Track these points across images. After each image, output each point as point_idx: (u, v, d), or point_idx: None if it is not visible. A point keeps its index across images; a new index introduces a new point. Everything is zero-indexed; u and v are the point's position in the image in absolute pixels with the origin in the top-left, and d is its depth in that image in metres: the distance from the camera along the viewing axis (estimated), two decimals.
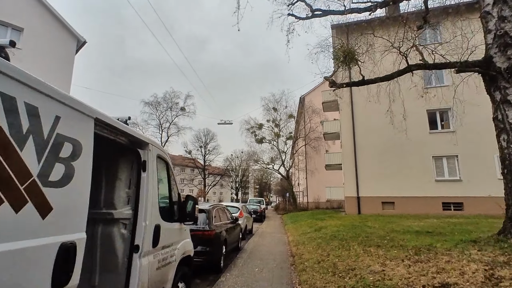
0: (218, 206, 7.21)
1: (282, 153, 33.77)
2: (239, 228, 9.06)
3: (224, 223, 7.09)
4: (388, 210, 15.92)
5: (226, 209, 8.05)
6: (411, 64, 7.61)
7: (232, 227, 7.73)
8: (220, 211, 7.25)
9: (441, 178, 15.60)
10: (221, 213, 7.24)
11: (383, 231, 8.59)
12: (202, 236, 5.72)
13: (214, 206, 6.86)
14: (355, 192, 16.63)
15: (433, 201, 15.34)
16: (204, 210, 6.20)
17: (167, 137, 28.99)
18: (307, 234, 10.14)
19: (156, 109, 28.04)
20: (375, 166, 16.62)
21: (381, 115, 17.17)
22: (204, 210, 6.20)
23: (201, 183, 60.59)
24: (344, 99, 17.87)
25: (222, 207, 7.69)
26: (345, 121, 17.67)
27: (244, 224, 11.71)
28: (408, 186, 15.86)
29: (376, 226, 10.15)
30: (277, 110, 34.04)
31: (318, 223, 13.00)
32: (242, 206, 12.46)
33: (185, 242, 3.87)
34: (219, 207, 7.28)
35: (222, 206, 7.82)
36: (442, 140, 15.91)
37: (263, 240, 11.01)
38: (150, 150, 2.92)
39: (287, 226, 16.14)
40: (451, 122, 16.10)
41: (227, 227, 7.18)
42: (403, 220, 12.18)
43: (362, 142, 17.09)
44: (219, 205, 7.47)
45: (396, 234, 7.66)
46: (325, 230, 10.12)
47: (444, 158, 15.77)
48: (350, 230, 9.35)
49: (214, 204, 7.13)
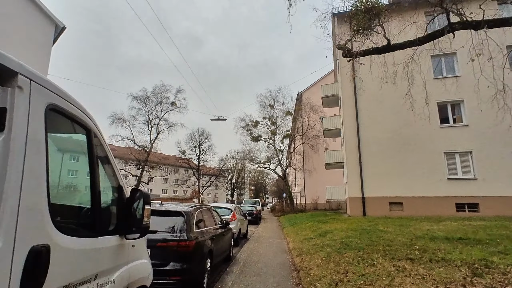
0: (202, 208, 5.68)
1: (278, 152, 32.30)
2: (230, 233, 7.54)
3: (210, 229, 5.57)
4: (396, 212, 14.52)
5: (213, 212, 6.52)
6: (453, 22, 5.96)
7: (221, 233, 6.22)
8: (205, 214, 5.73)
9: (454, 176, 14.25)
10: (206, 216, 5.72)
11: (403, 237, 7.15)
12: (177, 248, 4.20)
13: (197, 208, 5.34)
14: (359, 192, 15.21)
15: (446, 201, 13.98)
16: (181, 212, 4.69)
17: (157, 134, 27.34)
18: (310, 241, 8.66)
19: (145, 104, 26.35)
20: (381, 163, 15.22)
21: (387, 108, 15.84)
22: (181, 212, 4.69)
23: (195, 184, 58.99)
24: (347, 91, 16.50)
25: (208, 208, 6.16)
26: (348, 115, 16.26)
27: (237, 228, 10.19)
28: (417, 185, 14.49)
29: (391, 230, 8.71)
30: (273, 107, 32.58)
31: (321, 227, 11.53)
32: (235, 208, 10.94)
33: (132, 267, 2.36)
34: (203, 208, 5.75)
35: (208, 207, 6.29)
36: (455, 135, 14.59)
37: (259, 246, 9.50)
38: (22, 89, 1.39)
39: (285, 229, 14.64)
40: (464, 115, 14.78)
41: (214, 234, 5.66)
42: (417, 223, 10.76)
43: (367, 138, 15.69)
44: (203, 206, 5.91)
45: (424, 242, 6.22)
46: (332, 236, 8.65)
47: (457, 155, 14.42)
48: (362, 235, 7.89)
49: (196, 204, 5.58)
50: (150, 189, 62.60)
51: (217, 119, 23.65)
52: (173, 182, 66.00)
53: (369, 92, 16.15)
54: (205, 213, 5.76)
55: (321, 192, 31.26)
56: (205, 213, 5.76)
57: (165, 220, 4.63)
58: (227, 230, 7.07)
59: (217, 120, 23.64)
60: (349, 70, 16.51)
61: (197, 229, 4.87)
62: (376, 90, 16.04)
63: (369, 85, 16.21)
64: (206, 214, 5.76)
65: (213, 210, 6.54)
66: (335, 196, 20.10)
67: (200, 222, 5.18)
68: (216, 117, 23.75)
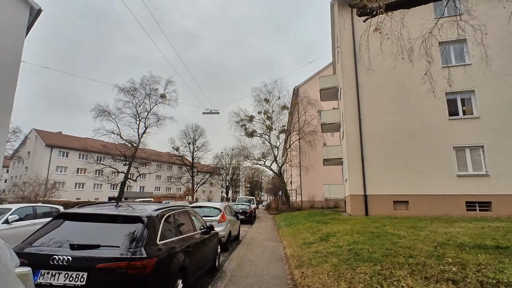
0: (174, 210, 4.37)
1: (274, 148, 31.04)
2: (216, 240, 6.28)
3: (185, 237, 4.29)
4: (401, 211, 13.40)
5: (192, 214, 5.24)
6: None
7: (201, 242, 4.95)
8: (179, 218, 4.45)
9: (464, 172, 13.15)
10: (180, 221, 4.43)
11: (423, 243, 5.95)
12: (127, 271, 2.92)
13: (166, 211, 4.03)
14: (361, 190, 14.04)
15: (455, 200, 12.88)
16: (140, 218, 3.41)
17: (145, 128, 25.74)
18: (311, 246, 7.43)
19: (133, 96, 24.71)
20: (385, 158, 14.07)
21: (391, 98, 14.66)
22: (140, 218, 3.41)
23: (189, 182, 57.69)
24: (348, 80, 15.28)
25: (184, 210, 4.85)
26: (349, 106, 15.05)
27: (226, 231, 8.95)
28: (424, 182, 13.37)
29: (403, 234, 7.53)
30: (269, 102, 31.25)
31: (321, 228, 10.33)
32: (225, 207, 9.67)
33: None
34: (176, 211, 4.44)
35: (185, 209, 4.98)
36: (465, 128, 13.47)
37: (252, 252, 8.26)
38: None
39: (281, 230, 13.43)
40: (474, 106, 13.66)
41: (191, 243, 4.38)
42: (428, 224, 9.62)
43: (369, 131, 14.51)
44: (176, 208, 4.58)
45: (453, 252, 5.02)
46: (336, 240, 7.44)
47: (467, 149, 13.31)
48: (372, 241, 6.68)
49: (165, 207, 4.22)
50: (142, 187, 61.38)
51: (209, 113, 22.30)
52: (166, 179, 64.57)
53: (372, 82, 14.97)
54: (179, 216, 4.48)
55: (318, 190, 30.14)
56: (179, 216, 4.48)
57: (117, 230, 3.35)
58: (211, 236, 5.81)
59: (209, 113, 22.28)
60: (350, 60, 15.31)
61: (164, 240, 3.58)
62: (379, 79, 14.87)
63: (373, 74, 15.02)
64: (180, 218, 4.48)
65: (192, 212, 5.26)
66: (334, 194, 18.90)
67: (169, 230, 3.90)
68: (208, 110, 22.39)
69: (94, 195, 50.10)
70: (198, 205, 9.54)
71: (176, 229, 4.09)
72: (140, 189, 60.96)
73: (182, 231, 4.31)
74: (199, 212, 9.16)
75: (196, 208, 9.37)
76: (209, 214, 9.05)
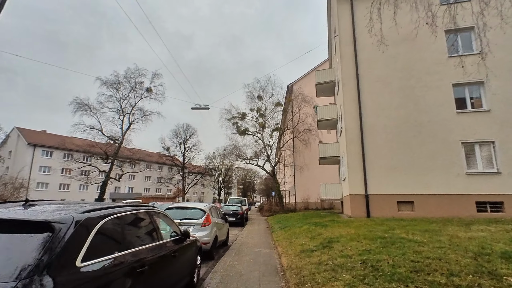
0: (125, 212, 3.01)
1: (267, 147, 29.75)
2: (193, 249, 4.96)
3: (137, 252, 2.91)
4: (405, 212, 12.27)
5: (157, 217, 3.89)
6: None
7: (169, 254, 3.63)
8: (133, 223, 3.11)
9: (473, 170, 12.09)
10: (134, 227, 3.10)
11: (454, 253, 4.75)
12: None
13: (106, 212, 2.66)
14: (362, 189, 12.87)
15: (464, 200, 11.81)
16: (47, 225, 2.07)
17: (129, 124, 24.02)
18: (312, 254, 6.16)
19: (117, 90, 22.95)
20: (388, 155, 12.94)
21: (395, 91, 13.54)
22: (47, 225, 2.07)
23: (180, 182, 55.99)
24: (347, 71, 14.13)
25: (141, 212, 3.47)
26: (349, 99, 13.89)
27: (211, 236, 7.62)
28: (431, 181, 12.28)
29: (422, 239, 6.33)
30: (262, 99, 29.96)
31: (321, 232, 9.08)
32: (210, 209, 8.33)
33: None
34: (128, 212, 3.08)
35: (145, 210, 3.60)
36: (474, 122, 12.43)
37: (241, 262, 6.95)
38: None
39: (275, 233, 12.16)
40: (484, 99, 12.65)
41: (149, 259, 3.04)
42: (442, 227, 8.48)
43: (371, 125, 13.38)
44: (129, 208, 3.22)
45: (505, 265, 3.81)
46: (341, 247, 6.19)
47: (477, 145, 12.27)
48: (387, 249, 5.45)
49: (106, 206, 2.82)
50: (131, 188, 59.44)
51: (198, 108, 20.94)
52: (156, 180, 62.68)
53: (373, 73, 13.87)
54: (133, 221, 3.14)
55: (313, 190, 29.01)
56: (133, 221, 3.14)
57: (7, 244, 2.01)
58: (187, 245, 4.49)
59: (199, 108, 20.93)
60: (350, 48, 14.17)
61: (94, 258, 2.25)
62: (382, 70, 13.77)
63: (375, 64, 13.94)
64: (134, 224, 3.15)
65: (157, 215, 3.91)
66: (330, 194, 17.74)
67: (109, 243, 2.56)
68: (197, 105, 21.04)
69: (80, 196, 48.04)
70: (178, 206, 8.17)
71: (123, 240, 2.76)
72: (129, 190, 59.03)
73: (135, 242, 2.97)
74: (179, 214, 7.83)
75: (175, 209, 8.03)
76: (191, 217, 7.72)
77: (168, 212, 7.89)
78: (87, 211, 2.46)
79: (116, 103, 22.92)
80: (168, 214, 4.38)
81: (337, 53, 15.89)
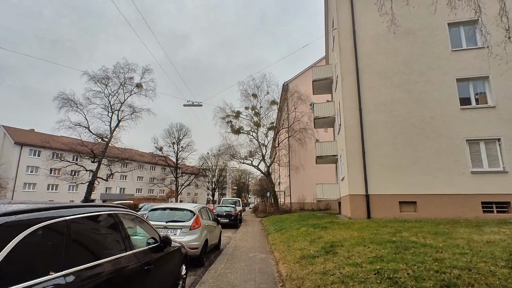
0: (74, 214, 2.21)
1: (262, 146, 29.00)
2: (176, 258, 4.18)
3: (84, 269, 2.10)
4: (408, 213, 11.65)
5: (126, 220, 3.10)
6: None
7: (139, 269, 2.84)
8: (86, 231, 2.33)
9: (479, 169, 11.52)
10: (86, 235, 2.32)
11: (482, 261, 4.08)
12: None
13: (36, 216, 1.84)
14: (362, 189, 12.22)
15: (469, 200, 11.24)
16: None
17: (118, 121, 22.94)
18: (314, 261, 5.44)
19: (105, 85, 21.87)
20: (390, 153, 12.32)
21: (396, 85, 12.94)
22: None
23: (173, 183, 54.89)
24: (347, 65, 13.50)
25: (101, 214, 2.64)
26: (348, 94, 13.24)
27: (201, 240, 6.84)
28: (434, 180, 11.69)
29: (437, 244, 5.65)
30: (257, 97, 29.19)
31: (321, 235, 8.36)
32: (200, 210, 7.55)
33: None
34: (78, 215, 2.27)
35: (107, 211, 2.82)
36: (479, 119, 11.88)
37: (233, 270, 6.19)
38: None
39: (271, 236, 11.42)
40: (489, 94, 12.11)
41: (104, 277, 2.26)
42: (452, 228, 7.85)
43: (371, 122, 12.75)
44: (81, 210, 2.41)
45: None
46: (347, 253, 5.48)
47: (482, 143, 11.72)
48: (401, 255, 4.76)
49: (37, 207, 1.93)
50: (122, 188, 58.17)
51: (191, 105, 20.08)
52: (148, 180, 61.37)
53: (374, 67, 13.26)
54: (85, 227, 2.36)
55: (308, 191, 28.37)
56: (85, 227, 2.36)
57: None
58: (165, 255, 3.72)
59: (191, 105, 20.07)
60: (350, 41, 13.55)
61: (13, 284, 1.48)
62: (383, 64, 13.17)
63: (375, 58, 13.34)
64: (87, 232, 2.37)
65: (127, 218, 3.15)
66: (328, 194, 17.08)
67: (41, 260, 1.79)
68: (190, 102, 20.18)
69: (69, 197, 46.63)
70: (164, 207, 7.36)
71: (67, 254, 1.98)
72: (120, 191, 57.79)
73: (87, 256, 2.20)
74: (165, 216, 7.03)
75: (161, 210, 7.23)
76: (178, 219, 6.93)
77: (153, 214, 7.09)
78: (9, 214, 1.69)
79: (105, 99, 21.89)
80: (144, 217, 3.60)
81: (336, 47, 15.25)
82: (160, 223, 6.69)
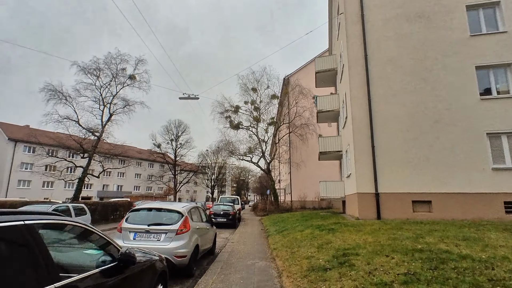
0: None
1: (262, 142, 27.93)
2: (142, 283, 3.12)
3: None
4: (422, 213, 10.61)
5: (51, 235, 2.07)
6: None
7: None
8: None
9: (501, 165, 10.47)
10: None
11: None
12: None
13: None
14: (372, 187, 11.17)
15: (490, 199, 10.19)
16: None
17: (110, 115, 21.72)
18: (326, 276, 4.38)
19: (97, 77, 20.64)
20: (402, 148, 11.26)
21: (408, 74, 11.85)
22: None
23: (171, 180, 53.81)
24: (354, 53, 12.40)
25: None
26: (356, 84, 12.16)
27: (190, 247, 5.78)
28: (451, 177, 10.64)
29: (478, 255, 4.62)
30: (257, 91, 28.08)
31: (329, 239, 7.31)
32: (190, 210, 6.49)
33: None
34: None
35: (15, 222, 1.82)
36: (500, 110, 10.80)
37: (228, 284, 5.15)
38: None
39: (271, 238, 10.39)
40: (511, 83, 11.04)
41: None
42: (476, 232, 6.82)
43: (381, 114, 11.67)
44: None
45: None
46: (367, 266, 4.44)
47: (504, 136, 10.65)
48: (440, 271, 3.72)
49: None
50: (120, 186, 57.21)
51: (187, 98, 18.95)
52: (146, 178, 60.27)
53: (384, 54, 12.17)
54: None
55: (310, 189, 27.35)
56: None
57: None
58: (127, 277, 2.67)
59: (187, 98, 18.94)
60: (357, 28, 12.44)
61: None
62: (393, 50, 12.08)
63: (385, 44, 12.25)
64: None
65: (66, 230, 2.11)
66: (332, 192, 16.04)
67: None
68: (186, 95, 19.04)
69: (65, 194, 45.58)
70: (147, 207, 6.27)
71: None
72: (118, 188, 56.80)
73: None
74: (149, 218, 5.98)
75: (144, 211, 6.16)
76: (163, 221, 5.88)
77: (134, 216, 6.03)
78: None
79: (96, 91, 20.69)
80: (93, 227, 2.52)
81: (342, 34, 14.14)
82: (141, 226, 5.64)
